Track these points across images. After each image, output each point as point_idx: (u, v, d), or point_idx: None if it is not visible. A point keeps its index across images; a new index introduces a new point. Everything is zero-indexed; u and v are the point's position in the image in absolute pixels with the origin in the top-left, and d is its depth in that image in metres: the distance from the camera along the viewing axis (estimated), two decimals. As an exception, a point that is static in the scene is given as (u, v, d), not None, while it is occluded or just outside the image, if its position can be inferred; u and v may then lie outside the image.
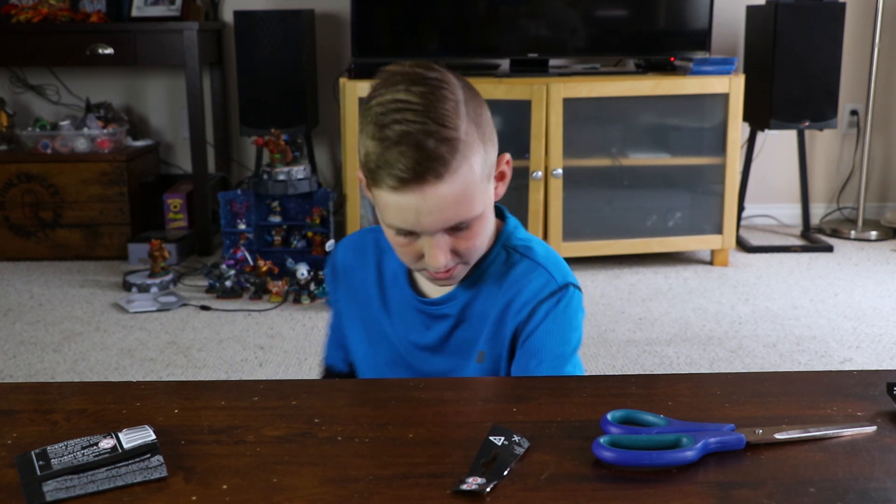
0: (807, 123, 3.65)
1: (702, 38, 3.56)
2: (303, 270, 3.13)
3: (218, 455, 0.73)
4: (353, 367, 1.28)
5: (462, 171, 1.01)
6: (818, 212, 4.18)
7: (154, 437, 0.75)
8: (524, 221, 3.36)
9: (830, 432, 0.77)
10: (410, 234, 1.04)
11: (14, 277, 3.46)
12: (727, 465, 0.72)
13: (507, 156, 1.14)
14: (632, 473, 0.70)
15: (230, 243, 3.46)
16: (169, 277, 3.31)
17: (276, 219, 3.51)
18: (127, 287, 3.27)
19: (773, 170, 4.14)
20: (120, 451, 0.73)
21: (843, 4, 3.59)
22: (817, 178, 4.20)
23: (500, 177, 1.13)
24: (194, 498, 0.66)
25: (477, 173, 1.03)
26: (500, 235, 1.17)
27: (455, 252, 1.06)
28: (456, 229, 1.04)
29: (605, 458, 0.71)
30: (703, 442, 0.72)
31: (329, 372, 1.32)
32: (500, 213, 1.19)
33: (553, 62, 3.69)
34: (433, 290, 1.17)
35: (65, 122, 3.73)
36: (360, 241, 1.26)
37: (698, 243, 3.54)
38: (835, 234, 3.96)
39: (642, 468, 0.71)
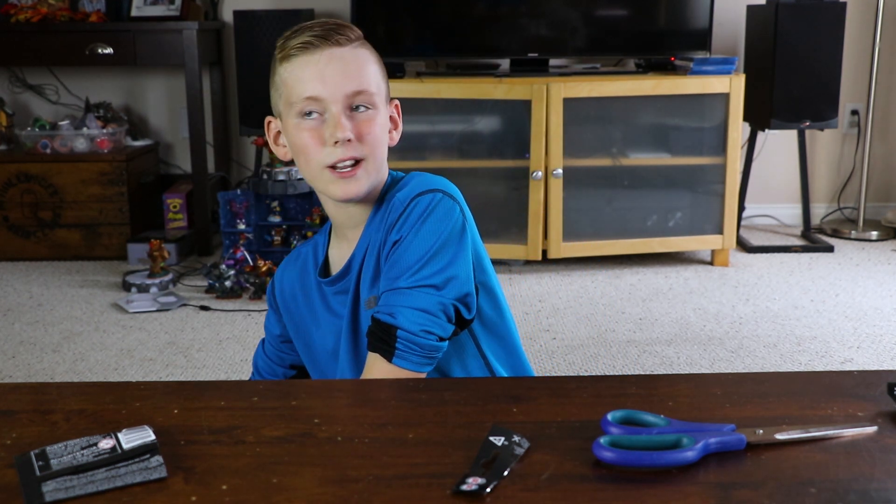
0: (807, 123, 3.65)
1: (702, 38, 3.56)
2: (303, 270, 3.13)
3: (218, 455, 0.73)
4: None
5: (364, 54, 1.16)
6: (819, 212, 4.18)
7: (153, 437, 0.74)
8: (524, 221, 3.36)
9: (831, 432, 0.77)
10: (315, 112, 1.12)
11: (13, 277, 3.46)
12: (728, 465, 0.72)
13: (396, 101, 1.25)
14: (632, 474, 0.70)
15: (230, 243, 3.46)
16: (168, 277, 3.31)
17: (276, 219, 3.52)
18: (126, 287, 3.27)
19: (773, 170, 4.14)
20: (119, 451, 0.73)
21: (844, 4, 3.58)
22: (818, 178, 4.20)
23: (393, 123, 1.23)
24: (194, 498, 0.66)
25: (376, 72, 1.16)
26: (389, 183, 1.21)
27: (357, 138, 1.12)
28: (356, 108, 1.13)
29: (605, 459, 0.71)
30: (703, 442, 0.72)
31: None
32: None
33: (553, 62, 3.69)
34: (337, 260, 1.21)
35: (64, 122, 3.73)
36: (295, 254, 1.31)
37: (699, 243, 3.54)
38: (835, 234, 3.96)
39: (643, 468, 0.71)
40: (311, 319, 1.24)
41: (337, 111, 1.12)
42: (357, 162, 1.13)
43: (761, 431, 0.75)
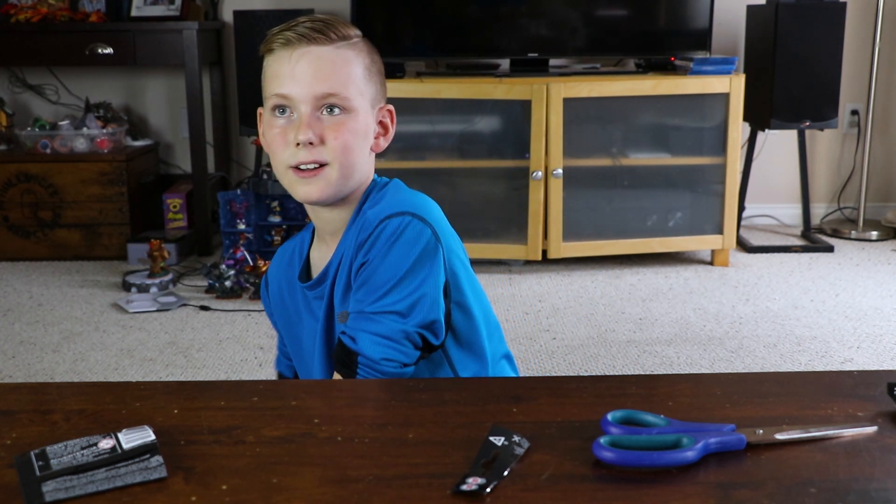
0: (807, 123, 3.65)
1: (702, 38, 3.56)
2: (303, 270, 3.13)
3: (218, 455, 0.73)
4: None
5: (346, 55, 1.12)
6: (819, 212, 4.18)
7: (153, 437, 0.74)
8: (524, 221, 3.36)
9: (831, 432, 0.77)
10: (286, 108, 1.11)
11: (13, 277, 3.46)
12: (727, 465, 0.72)
13: (390, 106, 1.21)
14: (632, 474, 0.70)
15: (230, 243, 3.46)
16: (168, 277, 3.31)
17: (276, 219, 3.52)
18: (126, 287, 3.27)
19: (773, 170, 4.14)
20: (119, 451, 0.73)
21: (844, 4, 3.58)
22: (818, 177, 4.20)
23: (383, 128, 1.20)
24: (194, 498, 0.66)
25: (359, 74, 1.13)
26: (370, 190, 1.19)
27: (322, 141, 1.10)
28: (328, 109, 1.11)
29: (605, 459, 0.71)
30: (703, 442, 0.72)
31: (280, 377, 1.36)
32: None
33: (553, 62, 3.69)
34: (318, 263, 1.21)
35: (64, 122, 3.73)
36: (284, 249, 1.30)
37: (698, 243, 3.54)
38: (835, 234, 3.96)
39: (642, 468, 0.71)
40: (297, 318, 1.25)
41: (305, 112, 1.10)
42: (322, 165, 1.11)
43: (761, 431, 0.75)
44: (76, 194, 3.63)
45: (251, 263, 3.22)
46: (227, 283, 3.18)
